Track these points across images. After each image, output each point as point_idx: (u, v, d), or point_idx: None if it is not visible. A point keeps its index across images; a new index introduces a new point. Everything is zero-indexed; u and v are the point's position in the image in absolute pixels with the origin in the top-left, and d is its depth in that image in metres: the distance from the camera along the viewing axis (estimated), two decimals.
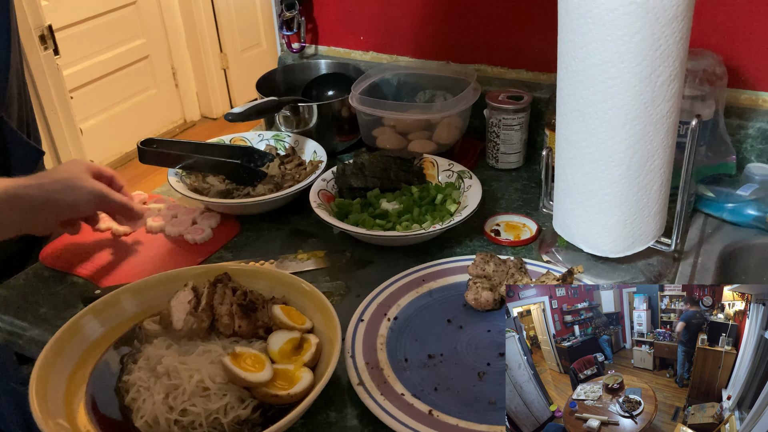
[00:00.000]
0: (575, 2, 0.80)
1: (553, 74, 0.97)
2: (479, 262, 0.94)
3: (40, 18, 2.62)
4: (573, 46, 0.82)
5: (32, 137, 1.15)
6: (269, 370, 0.75)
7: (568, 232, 0.97)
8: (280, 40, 1.54)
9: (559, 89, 0.89)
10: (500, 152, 1.25)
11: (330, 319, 0.81)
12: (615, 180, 0.87)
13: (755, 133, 1.13)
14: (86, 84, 3.26)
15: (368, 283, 0.95)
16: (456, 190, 1.10)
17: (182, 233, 1.10)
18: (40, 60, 2.65)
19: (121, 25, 3.39)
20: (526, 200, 1.17)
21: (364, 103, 1.21)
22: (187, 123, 3.98)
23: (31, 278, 1.02)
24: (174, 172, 1.16)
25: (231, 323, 0.81)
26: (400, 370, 0.81)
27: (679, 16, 0.77)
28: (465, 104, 1.19)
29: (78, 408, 0.75)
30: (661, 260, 0.98)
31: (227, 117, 1.14)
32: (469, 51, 1.37)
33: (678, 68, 0.81)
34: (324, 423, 0.77)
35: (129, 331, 0.85)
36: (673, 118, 0.85)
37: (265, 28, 3.98)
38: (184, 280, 0.88)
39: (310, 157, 1.23)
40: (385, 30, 1.44)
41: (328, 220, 1.02)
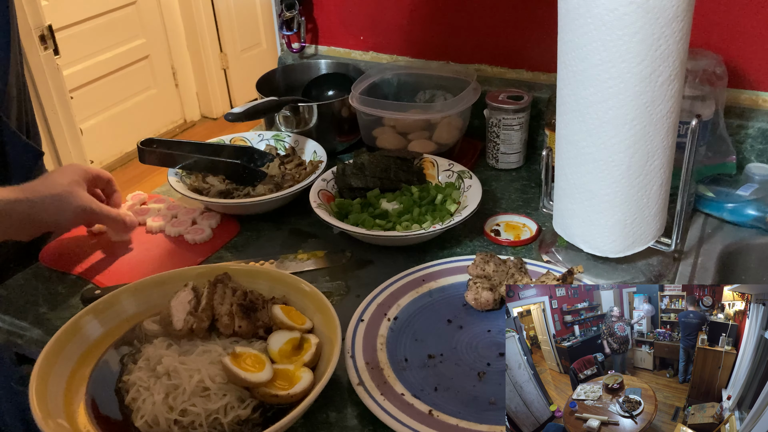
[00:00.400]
0: (575, 2, 0.80)
1: (553, 74, 0.97)
2: (479, 262, 0.94)
3: (40, 18, 2.62)
4: (573, 46, 0.82)
5: (32, 137, 1.15)
6: (269, 370, 0.75)
7: (568, 232, 0.97)
8: (280, 40, 1.54)
9: (559, 89, 0.89)
10: (500, 152, 1.25)
11: (330, 319, 0.81)
12: (615, 180, 0.87)
13: (755, 133, 1.13)
14: (86, 84, 3.26)
15: (368, 283, 0.95)
16: (456, 190, 1.10)
17: (182, 233, 1.10)
18: (40, 60, 2.65)
19: (121, 25, 3.39)
20: (526, 200, 1.17)
21: (364, 103, 1.21)
22: (187, 123, 3.98)
23: (31, 278, 1.02)
24: (174, 172, 1.16)
25: (231, 323, 0.81)
26: (400, 370, 0.81)
27: (679, 16, 0.77)
28: (465, 104, 1.19)
29: (78, 408, 0.75)
30: (661, 260, 0.98)
31: (227, 117, 1.14)
32: (469, 51, 1.37)
33: (678, 68, 0.81)
34: (324, 423, 0.77)
35: (129, 331, 0.85)
36: (673, 118, 0.85)
37: (265, 28, 3.98)
38: (184, 280, 0.88)
39: (310, 157, 1.23)
40: (386, 30, 1.44)
41: (328, 220, 1.02)
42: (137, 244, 1.09)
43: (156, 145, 1.16)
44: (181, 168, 1.16)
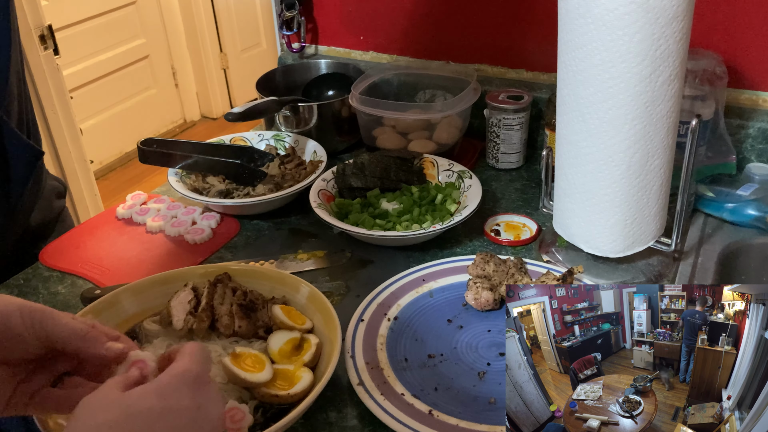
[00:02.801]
0: (575, 2, 0.80)
1: (553, 74, 0.97)
2: (479, 262, 0.94)
3: (40, 18, 2.62)
4: (573, 46, 0.82)
5: (32, 137, 1.15)
6: (269, 370, 0.75)
7: (568, 232, 0.97)
8: (280, 40, 1.54)
9: (559, 89, 0.89)
10: (500, 152, 1.25)
11: (330, 319, 0.81)
12: (615, 180, 0.87)
13: (755, 133, 1.13)
14: (86, 84, 3.26)
15: (368, 283, 0.95)
16: (456, 190, 1.10)
17: (182, 233, 1.10)
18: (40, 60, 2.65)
19: (121, 25, 3.39)
20: (526, 200, 1.17)
21: (364, 103, 1.21)
22: (187, 123, 3.98)
23: (31, 278, 1.02)
24: (174, 172, 1.16)
25: (231, 323, 0.81)
26: (400, 370, 0.81)
27: (679, 15, 0.77)
28: (465, 104, 1.19)
29: None
30: (661, 260, 0.98)
31: (227, 117, 1.14)
32: (469, 51, 1.37)
33: (678, 68, 0.81)
34: (324, 423, 0.77)
35: (129, 331, 0.85)
36: (673, 118, 0.85)
37: (265, 28, 3.98)
38: (184, 280, 0.88)
39: (310, 157, 1.23)
40: (385, 30, 1.44)
41: (328, 220, 1.02)
42: (137, 244, 1.09)
43: (156, 145, 1.16)
44: (181, 168, 1.16)
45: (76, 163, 2.48)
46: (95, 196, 2.60)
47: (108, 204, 2.77)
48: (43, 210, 1.17)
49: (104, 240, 1.10)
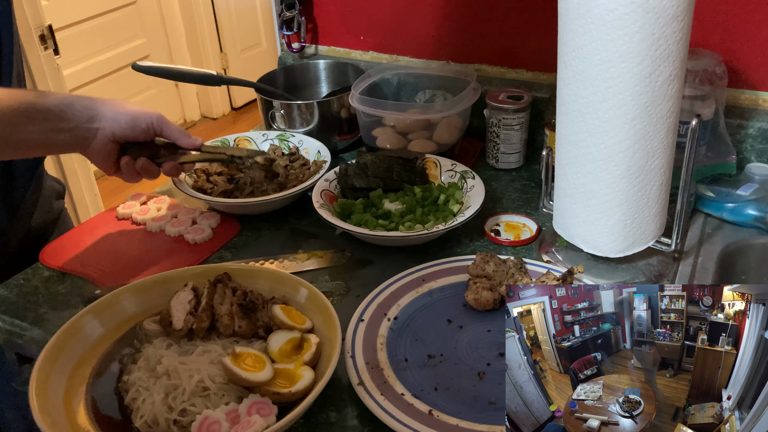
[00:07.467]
0: (575, 2, 0.80)
1: (553, 74, 0.97)
2: (479, 262, 0.94)
3: (40, 18, 2.62)
4: (573, 46, 0.82)
5: None
6: (269, 369, 0.75)
7: (568, 232, 0.97)
8: (280, 40, 1.54)
9: (559, 89, 0.89)
10: (500, 152, 1.25)
11: (330, 319, 0.81)
12: (615, 180, 0.87)
13: (755, 133, 1.13)
14: (86, 84, 3.26)
15: (368, 283, 0.95)
16: (459, 191, 1.10)
17: (182, 233, 1.10)
18: (40, 60, 2.65)
19: (121, 25, 3.39)
20: (526, 200, 1.17)
21: (364, 103, 1.21)
22: (187, 123, 3.97)
23: (31, 278, 1.02)
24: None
25: (231, 323, 0.81)
26: (400, 370, 0.81)
27: (679, 15, 0.77)
28: (465, 104, 1.19)
29: (78, 408, 0.75)
30: (661, 260, 0.98)
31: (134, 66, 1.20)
32: (469, 51, 1.37)
33: (678, 68, 0.81)
34: (324, 423, 0.77)
35: (129, 331, 0.85)
36: (673, 118, 0.85)
37: (265, 28, 3.98)
38: (184, 280, 0.88)
39: (314, 157, 1.23)
40: (385, 30, 1.44)
41: (331, 221, 1.02)
42: (137, 244, 1.09)
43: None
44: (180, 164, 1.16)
45: (76, 163, 2.48)
46: (95, 196, 2.60)
47: (108, 204, 2.77)
48: (43, 211, 1.17)
49: (104, 240, 1.10)
